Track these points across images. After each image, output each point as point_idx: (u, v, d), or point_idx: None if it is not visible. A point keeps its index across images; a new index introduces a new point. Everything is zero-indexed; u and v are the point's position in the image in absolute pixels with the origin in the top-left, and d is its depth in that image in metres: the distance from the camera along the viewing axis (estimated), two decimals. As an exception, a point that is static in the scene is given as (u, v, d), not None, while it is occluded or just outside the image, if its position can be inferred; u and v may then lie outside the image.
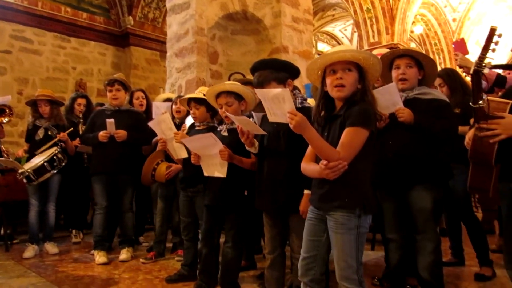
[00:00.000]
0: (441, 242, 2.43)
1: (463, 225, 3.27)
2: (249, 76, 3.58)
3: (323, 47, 13.20)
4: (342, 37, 13.55)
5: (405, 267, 2.54)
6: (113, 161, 3.65)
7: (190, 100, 2.91)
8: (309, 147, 1.86)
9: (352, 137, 1.68)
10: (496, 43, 1.87)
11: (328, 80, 1.79)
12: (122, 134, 3.63)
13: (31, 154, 4.01)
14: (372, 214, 1.77)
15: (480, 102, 1.80)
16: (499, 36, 1.86)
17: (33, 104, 4.13)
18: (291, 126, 1.66)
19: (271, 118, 1.88)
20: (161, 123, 3.10)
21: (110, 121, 3.58)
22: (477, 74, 1.88)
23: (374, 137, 1.76)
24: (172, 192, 3.66)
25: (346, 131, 1.70)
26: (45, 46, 7.82)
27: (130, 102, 4.32)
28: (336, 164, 1.62)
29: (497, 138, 1.76)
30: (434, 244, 2.35)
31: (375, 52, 3.37)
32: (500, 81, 2.87)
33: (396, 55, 2.47)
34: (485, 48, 1.86)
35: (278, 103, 1.73)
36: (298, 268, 1.88)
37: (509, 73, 2.99)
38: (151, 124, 3.22)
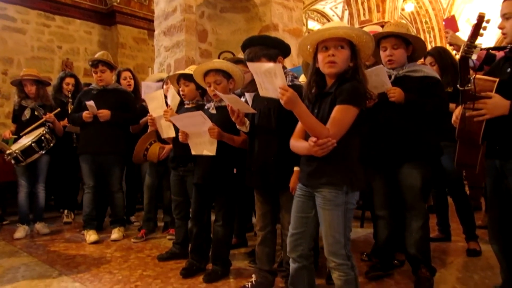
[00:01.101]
0: (429, 218, 2.48)
1: (450, 202, 3.34)
2: (239, 55, 3.54)
3: (313, 25, 13.05)
4: (333, 15, 13.39)
5: (394, 243, 2.59)
6: (98, 141, 3.62)
7: (180, 77, 2.89)
8: (299, 124, 1.87)
9: (342, 115, 1.69)
10: (484, 29, 1.86)
11: (320, 57, 1.79)
12: (104, 114, 3.59)
13: (18, 135, 3.96)
14: (360, 191, 1.80)
15: (468, 85, 1.81)
16: (487, 22, 1.85)
17: (19, 84, 4.06)
18: (282, 101, 1.66)
19: (262, 93, 1.87)
20: (155, 99, 3.07)
21: (89, 104, 3.56)
22: (465, 59, 1.87)
23: (364, 115, 1.77)
24: (162, 170, 3.66)
25: (336, 108, 1.70)
26: (28, 25, 7.60)
27: (118, 82, 4.25)
28: (325, 142, 1.64)
29: (483, 117, 1.78)
30: (422, 221, 2.39)
31: (366, 29, 3.35)
32: (489, 58, 2.88)
33: (380, 36, 2.46)
34: (474, 36, 1.84)
35: (270, 78, 1.71)
36: (287, 244, 1.92)
37: (498, 51, 3.00)
38: (146, 97, 3.19)
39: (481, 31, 1.83)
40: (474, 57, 1.86)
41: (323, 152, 1.65)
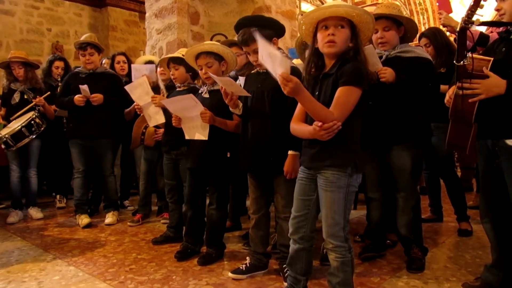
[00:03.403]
0: (421, 200, 2.50)
1: (442, 184, 3.37)
2: (231, 38, 3.50)
3: (306, 7, 12.89)
4: (326, -3, 13.23)
5: (386, 224, 2.62)
6: (90, 125, 3.59)
7: (169, 60, 2.87)
8: (298, 107, 1.85)
9: (346, 97, 1.68)
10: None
11: (319, 36, 1.76)
12: (98, 98, 3.55)
13: (7, 119, 3.91)
14: (362, 173, 1.80)
15: (464, 60, 1.79)
16: None
17: (7, 67, 4.00)
18: (284, 91, 1.60)
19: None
20: (138, 87, 3.03)
21: (83, 88, 3.49)
22: (464, 31, 1.85)
23: (366, 96, 1.75)
24: (156, 155, 3.65)
25: (340, 90, 1.68)
26: (17, 6, 7.43)
27: (112, 66, 4.19)
28: (331, 125, 1.62)
29: (477, 97, 1.78)
30: (413, 202, 2.41)
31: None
32: (482, 39, 2.87)
33: None
34: (475, 5, 1.80)
35: (274, 62, 1.64)
36: (289, 226, 1.92)
37: (491, 32, 2.99)
38: (127, 88, 3.16)
39: (482, 2, 1.80)
40: (473, 28, 1.83)
41: (329, 136, 1.64)
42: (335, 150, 1.71)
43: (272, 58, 1.64)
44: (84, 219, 3.57)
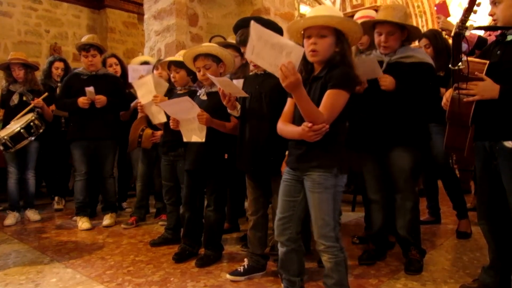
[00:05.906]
0: (419, 201, 2.50)
1: (440, 186, 3.37)
2: (229, 39, 3.51)
3: (305, 9, 12.91)
4: (325, -1, 13.25)
5: (386, 226, 2.61)
6: (93, 127, 3.58)
7: (170, 63, 2.86)
8: (287, 107, 1.88)
9: (334, 100, 1.71)
10: (478, 5, 1.86)
11: (305, 44, 1.81)
12: (102, 99, 3.54)
13: (6, 120, 3.90)
14: (347, 174, 1.82)
15: (459, 64, 1.81)
16: (478, 5, 1.85)
17: (6, 68, 3.99)
18: (283, 83, 1.61)
19: (251, 57, 1.75)
20: (144, 85, 3.04)
21: (89, 90, 3.48)
22: (458, 36, 1.87)
23: (352, 100, 1.79)
24: (154, 157, 3.65)
25: (328, 93, 1.71)
26: (15, 8, 7.42)
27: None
28: (320, 127, 1.65)
29: (471, 98, 1.80)
30: (412, 203, 2.41)
31: (360, 13, 3.32)
32: (481, 43, 2.88)
33: (375, 22, 2.44)
34: (468, 10, 1.84)
35: (279, 54, 1.60)
36: (275, 228, 1.93)
37: (489, 35, 3.00)
38: (135, 83, 3.16)
39: (475, 7, 1.82)
40: (467, 33, 1.86)
41: (317, 137, 1.67)
42: (321, 151, 1.74)
43: (276, 48, 1.61)
44: (84, 223, 3.56)
